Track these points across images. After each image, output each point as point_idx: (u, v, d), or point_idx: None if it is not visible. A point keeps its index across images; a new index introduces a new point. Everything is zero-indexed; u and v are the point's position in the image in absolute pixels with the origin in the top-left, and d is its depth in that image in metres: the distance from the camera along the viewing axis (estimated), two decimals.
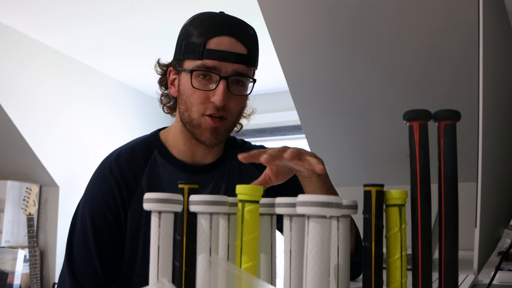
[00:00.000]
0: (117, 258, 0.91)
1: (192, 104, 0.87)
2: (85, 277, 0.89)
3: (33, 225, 2.64)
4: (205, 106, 0.86)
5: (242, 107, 0.92)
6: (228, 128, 0.91)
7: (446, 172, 0.45)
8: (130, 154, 0.94)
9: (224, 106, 0.86)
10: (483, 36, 0.61)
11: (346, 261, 0.50)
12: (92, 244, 0.88)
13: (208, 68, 0.85)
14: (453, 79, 1.45)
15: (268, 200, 0.48)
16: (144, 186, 0.90)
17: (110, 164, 0.92)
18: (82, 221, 0.90)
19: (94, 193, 0.91)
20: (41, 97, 2.73)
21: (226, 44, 0.85)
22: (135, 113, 3.49)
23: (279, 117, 3.38)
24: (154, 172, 0.92)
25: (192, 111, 0.88)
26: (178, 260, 0.45)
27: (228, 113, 0.88)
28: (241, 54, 0.86)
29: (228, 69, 0.85)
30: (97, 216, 0.89)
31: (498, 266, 0.75)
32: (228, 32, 0.86)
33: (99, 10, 2.31)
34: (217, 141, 0.89)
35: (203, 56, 0.85)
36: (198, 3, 2.26)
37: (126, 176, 0.90)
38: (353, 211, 0.51)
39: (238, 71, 0.86)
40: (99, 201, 0.90)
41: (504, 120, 0.80)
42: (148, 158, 0.93)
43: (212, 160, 0.96)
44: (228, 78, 0.85)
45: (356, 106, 1.65)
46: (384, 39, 1.42)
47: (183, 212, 0.46)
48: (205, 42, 0.85)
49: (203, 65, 0.85)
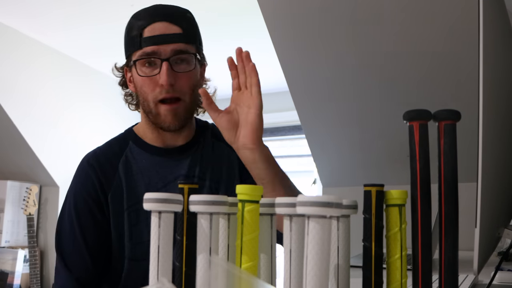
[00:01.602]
0: (103, 243, 0.96)
1: (146, 92, 0.93)
2: (74, 263, 0.95)
3: (33, 225, 2.64)
4: (155, 92, 0.91)
5: (192, 84, 0.95)
6: (187, 107, 0.94)
7: (446, 172, 0.45)
8: (106, 147, 1.02)
9: (172, 86, 0.90)
10: (483, 36, 0.61)
11: (346, 261, 0.50)
12: (78, 230, 0.95)
13: (148, 54, 0.90)
14: (453, 79, 1.45)
15: (268, 200, 0.48)
16: (121, 172, 0.97)
17: (88, 157, 1.00)
18: (67, 211, 0.97)
19: (75, 185, 0.98)
20: (41, 97, 2.73)
21: (160, 29, 0.91)
22: (135, 113, 3.48)
23: (279, 117, 3.38)
24: (130, 160, 0.99)
25: (148, 100, 0.93)
26: (178, 260, 0.45)
27: (179, 92, 0.92)
28: (176, 33, 0.91)
29: (166, 50, 0.90)
30: (80, 204, 0.96)
31: (498, 266, 0.75)
32: (159, 18, 0.92)
33: (99, 10, 2.31)
34: (179, 123, 0.94)
35: (141, 45, 0.91)
36: (198, 2, 2.26)
37: (103, 165, 0.97)
38: (353, 211, 0.51)
39: (176, 50, 0.91)
40: (80, 190, 0.96)
41: (504, 120, 0.80)
42: (124, 148, 1.00)
43: (183, 142, 1.01)
44: (169, 59, 0.90)
45: (356, 106, 1.65)
46: (384, 39, 1.42)
47: (183, 212, 0.46)
48: (141, 32, 0.91)
49: (144, 53, 0.91)
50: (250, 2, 1.80)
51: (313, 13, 1.42)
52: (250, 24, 2.29)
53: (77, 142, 2.96)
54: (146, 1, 2.23)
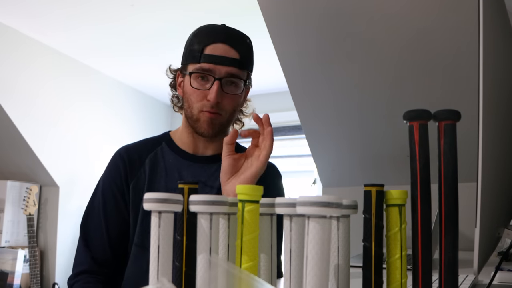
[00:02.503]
0: (122, 229, 1.04)
1: (192, 101, 1.01)
2: (94, 243, 1.03)
3: (33, 225, 2.64)
4: (202, 103, 1.00)
5: (235, 105, 1.04)
6: (223, 122, 1.04)
7: (446, 172, 0.45)
8: (140, 143, 1.11)
9: (218, 104, 0.99)
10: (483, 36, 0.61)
11: (346, 261, 0.50)
12: (102, 214, 1.03)
13: (204, 70, 0.99)
14: (453, 79, 1.45)
15: (268, 200, 0.48)
16: (147, 166, 1.05)
17: (120, 149, 1.09)
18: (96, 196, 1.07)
19: (105, 173, 1.08)
20: (41, 97, 2.73)
21: (220, 49, 0.99)
22: (135, 113, 3.49)
23: (279, 117, 3.38)
24: (158, 157, 1.07)
25: (193, 107, 1.01)
26: (178, 260, 0.45)
27: (222, 110, 1.01)
28: (234, 58, 1.00)
29: (221, 71, 0.98)
30: (106, 191, 1.05)
31: (498, 266, 0.74)
32: (223, 40, 1.00)
33: (99, 10, 2.31)
34: (213, 131, 1.02)
35: (200, 60, 0.99)
36: (198, 3, 2.26)
37: (132, 157, 1.06)
38: (353, 211, 0.51)
39: (230, 73, 0.99)
40: (108, 178, 1.06)
41: (504, 120, 0.80)
42: (156, 147, 1.09)
43: (212, 153, 1.09)
44: (222, 79, 0.99)
45: (356, 106, 1.65)
46: (384, 39, 1.42)
47: (183, 212, 0.46)
48: (203, 48, 0.99)
49: (201, 68, 0.99)
50: (250, 2, 1.80)
51: (313, 13, 1.42)
52: (250, 24, 2.29)
53: (77, 142, 2.96)
54: (146, 1, 2.24)
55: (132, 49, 2.77)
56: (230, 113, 1.03)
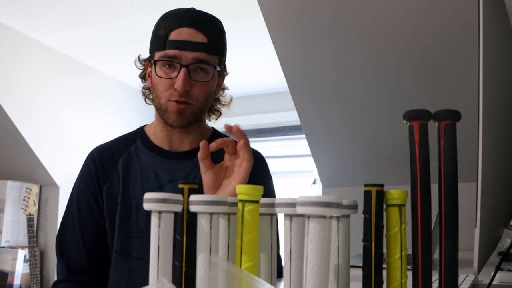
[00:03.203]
0: (99, 235, 1.00)
1: (159, 91, 0.96)
2: (71, 252, 0.99)
3: (33, 225, 2.64)
4: (169, 92, 0.94)
5: (207, 93, 0.98)
6: (194, 112, 0.97)
7: (446, 172, 0.45)
8: (112, 143, 1.06)
9: (186, 92, 0.93)
10: (483, 36, 0.61)
11: (346, 261, 0.50)
12: (76, 220, 1.00)
13: (169, 57, 0.93)
14: (453, 79, 1.45)
15: (268, 200, 0.48)
16: (120, 168, 1.00)
17: (93, 151, 1.05)
18: (70, 202, 1.03)
19: (79, 177, 1.04)
20: (41, 97, 2.73)
21: (185, 34, 0.93)
22: (135, 113, 3.49)
23: (279, 117, 3.38)
24: (132, 157, 1.02)
25: (160, 97, 0.96)
26: (178, 260, 0.45)
27: (191, 99, 0.95)
28: (201, 42, 0.93)
29: (188, 57, 0.92)
30: (80, 196, 1.01)
31: (498, 266, 0.74)
32: (187, 24, 0.94)
33: (99, 10, 2.31)
34: (183, 122, 0.96)
35: (165, 47, 0.93)
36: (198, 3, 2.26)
37: (104, 159, 1.01)
38: (353, 211, 0.51)
39: (198, 58, 0.93)
40: (81, 183, 1.02)
41: (504, 120, 0.80)
42: (130, 145, 1.04)
43: (189, 147, 1.03)
44: (189, 66, 0.92)
45: (356, 106, 1.65)
46: (384, 39, 1.42)
47: (183, 212, 0.46)
48: (167, 34, 0.94)
49: (166, 55, 0.93)
50: (250, 2, 1.80)
51: (313, 13, 1.42)
52: (250, 24, 2.29)
53: (77, 142, 2.96)
54: (146, 1, 2.24)
55: (132, 49, 2.75)
56: (202, 102, 0.97)
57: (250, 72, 3.01)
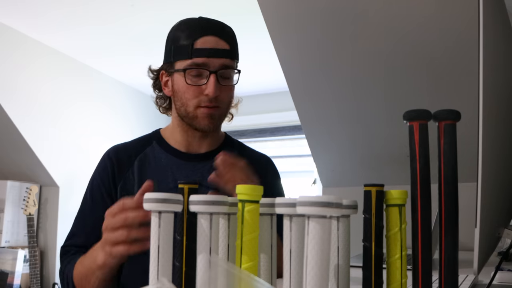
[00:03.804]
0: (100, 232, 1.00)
1: (188, 99, 0.99)
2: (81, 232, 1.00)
3: (33, 225, 2.64)
4: (199, 99, 0.98)
5: (231, 96, 1.03)
6: (222, 114, 1.03)
7: (446, 172, 0.45)
8: (130, 143, 1.09)
9: (216, 97, 0.97)
10: (483, 36, 0.61)
11: (346, 261, 0.50)
12: (88, 212, 1.02)
13: (198, 65, 0.96)
14: (453, 79, 1.45)
15: (268, 200, 0.48)
16: (135, 167, 1.03)
17: (109, 149, 1.07)
18: (86, 197, 1.05)
19: (94, 173, 1.06)
20: (41, 97, 2.73)
21: (211, 42, 0.97)
22: (135, 113, 3.49)
23: (279, 117, 3.38)
24: (149, 157, 1.05)
25: (188, 105, 0.99)
26: (178, 260, 0.45)
27: (220, 102, 1.00)
28: (225, 49, 0.98)
29: (215, 64, 0.97)
30: (95, 191, 1.02)
31: (498, 266, 0.74)
32: (211, 32, 0.98)
33: (99, 10, 2.31)
34: (214, 125, 1.01)
35: (192, 55, 0.96)
36: (198, 3, 2.26)
37: (120, 157, 1.04)
38: (353, 211, 0.51)
39: (224, 65, 0.98)
40: (97, 178, 1.04)
41: (504, 120, 0.80)
42: (146, 146, 1.07)
43: (206, 150, 1.07)
44: (217, 72, 0.97)
45: (356, 106, 1.65)
46: (384, 39, 1.42)
47: (183, 212, 0.46)
48: (192, 42, 0.96)
49: (194, 63, 0.96)
50: (250, 2, 1.80)
51: (313, 13, 1.42)
52: (250, 24, 2.29)
53: (77, 142, 2.96)
54: (146, 1, 2.24)
55: (132, 49, 2.77)
56: (228, 105, 1.03)
57: (250, 72, 3.01)
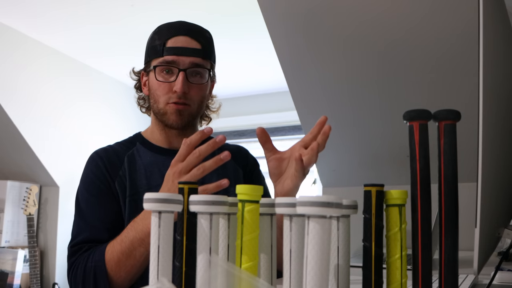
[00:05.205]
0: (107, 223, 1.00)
1: (158, 95, 1.03)
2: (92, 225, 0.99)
3: (33, 225, 2.64)
4: (168, 96, 1.02)
5: (202, 95, 1.06)
6: (192, 113, 1.05)
7: (446, 172, 0.45)
8: (114, 145, 1.11)
9: (185, 94, 1.01)
10: (483, 36, 0.61)
11: (346, 261, 0.50)
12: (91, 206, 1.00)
13: (168, 63, 1.01)
14: (453, 79, 1.45)
15: (268, 200, 0.48)
16: (126, 164, 1.04)
17: (97, 151, 1.08)
18: (81, 195, 1.03)
19: (85, 174, 1.05)
20: (41, 97, 2.73)
21: (182, 41, 1.01)
22: (135, 113, 3.48)
23: (279, 117, 3.38)
24: (135, 156, 1.07)
25: (159, 102, 1.03)
26: (178, 260, 0.45)
27: (189, 100, 1.02)
28: (196, 48, 1.02)
29: (185, 62, 1.00)
30: (90, 187, 1.02)
31: (498, 266, 0.74)
32: (183, 33, 1.02)
33: (99, 10, 2.31)
34: (182, 122, 1.03)
35: (163, 53, 1.01)
36: (198, 3, 2.26)
37: (111, 156, 1.05)
38: (353, 211, 0.51)
39: (194, 63, 1.01)
40: (91, 177, 1.03)
41: (504, 120, 0.80)
42: (131, 147, 1.09)
43: None
44: (186, 70, 1.00)
45: (357, 106, 1.65)
46: (383, 39, 1.42)
47: (183, 212, 0.46)
48: (164, 42, 1.02)
49: (164, 61, 1.01)
50: (250, 2, 1.80)
51: (313, 13, 1.42)
52: (250, 24, 2.29)
53: (77, 142, 2.96)
54: (146, 1, 2.24)
55: (132, 49, 2.77)
56: (198, 104, 1.05)
57: (250, 72, 3.01)
